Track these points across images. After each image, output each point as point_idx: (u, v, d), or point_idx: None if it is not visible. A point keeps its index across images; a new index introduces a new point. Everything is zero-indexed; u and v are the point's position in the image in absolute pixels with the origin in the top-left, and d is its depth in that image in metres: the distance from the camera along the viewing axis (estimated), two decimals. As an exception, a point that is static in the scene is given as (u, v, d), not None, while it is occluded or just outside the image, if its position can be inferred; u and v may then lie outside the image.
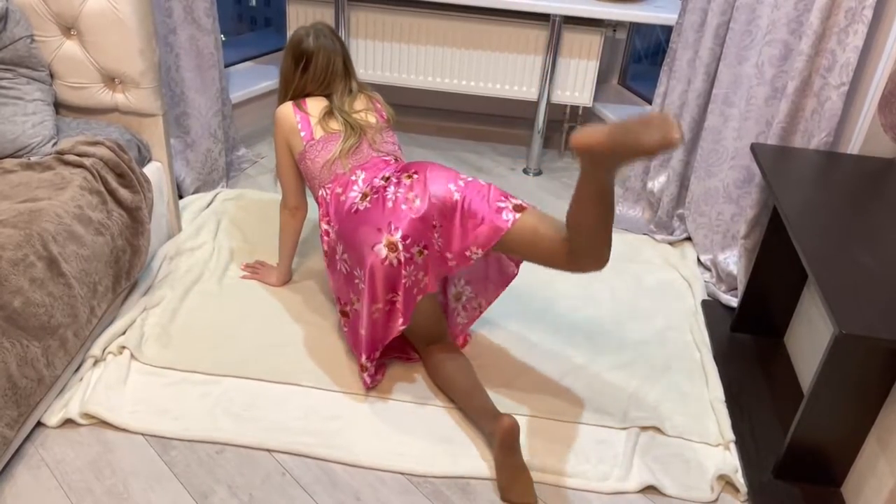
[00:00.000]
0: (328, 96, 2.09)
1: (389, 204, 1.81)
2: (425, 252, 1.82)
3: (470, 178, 1.85)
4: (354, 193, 1.91)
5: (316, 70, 2.07)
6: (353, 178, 1.96)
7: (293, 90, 2.10)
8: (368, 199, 1.86)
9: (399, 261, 1.78)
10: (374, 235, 1.79)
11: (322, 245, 2.00)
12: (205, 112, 2.72)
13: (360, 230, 1.82)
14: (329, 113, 2.05)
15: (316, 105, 2.07)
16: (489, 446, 1.83)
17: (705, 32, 2.41)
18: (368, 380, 1.94)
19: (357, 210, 1.86)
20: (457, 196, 1.80)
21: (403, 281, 1.81)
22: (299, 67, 2.07)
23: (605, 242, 1.65)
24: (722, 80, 2.39)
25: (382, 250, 1.77)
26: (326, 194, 1.98)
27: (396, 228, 1.78)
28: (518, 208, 1.79)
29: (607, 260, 1.69)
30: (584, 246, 1.66)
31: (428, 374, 2.01)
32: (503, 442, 1.70)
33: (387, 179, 1.89)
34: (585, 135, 1.46)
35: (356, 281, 1.85)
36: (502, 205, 1.79)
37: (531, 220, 1.77)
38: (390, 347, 2.05)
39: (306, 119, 2.04)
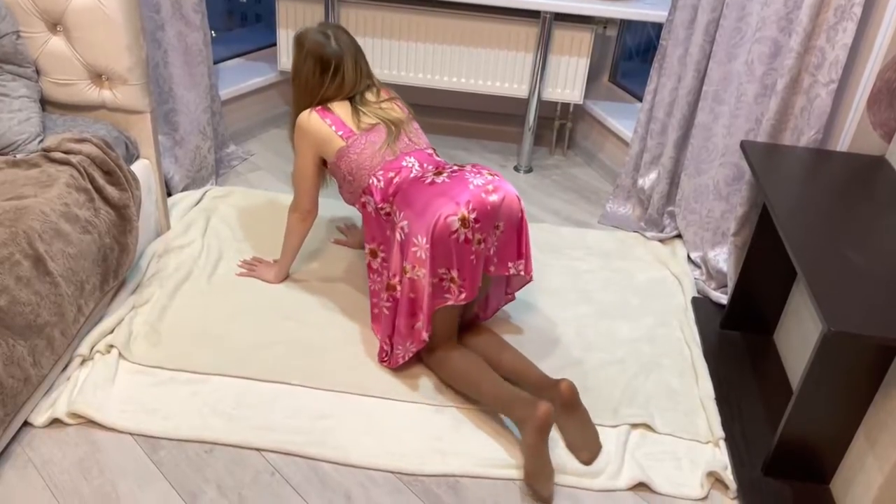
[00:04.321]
0: (350, 98, 2.09)
1: (471, 186, 1.87)
2: (482, 245, 1.88)
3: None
4: (415, 174, 1.97)
5: (347, 75, 2.06)
6: (405, 163, 2.00)
7: (320, 97, 2.07)
8: (445, 175, 1.93)
9: (467, 238, 1.84)
10: (451, 207, 1.82)
11: (374, 227, 2.03)
12: (193, 109, 2.70)
13: (437, 200, 1.85)
14: (356, 111, 2.06)
15: (341, 108, 2.07)
16: (521, 431, 1.78)
17: (695, 29, 2.41)
18: (413, 348, 1.95)
19: (433, 182, 1.91)
20: (522, 215, 1.95)
21: (471, 258, 1.85)
22: (328, 74, 2.05)
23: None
24: (712, 77, 2.39)
25: (455, 222, 1.82)
26: (377, 181, 1.98)
27: (474, 209, 1.83)
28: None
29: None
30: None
31: (438, 373, 2.00)
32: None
33: (462, 167, 1.97)
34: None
35: (413, 248, 1.85)
36: None
37: None
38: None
39: (338, 120, 2.04)
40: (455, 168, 1.97)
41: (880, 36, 1.94)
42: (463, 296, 1.89)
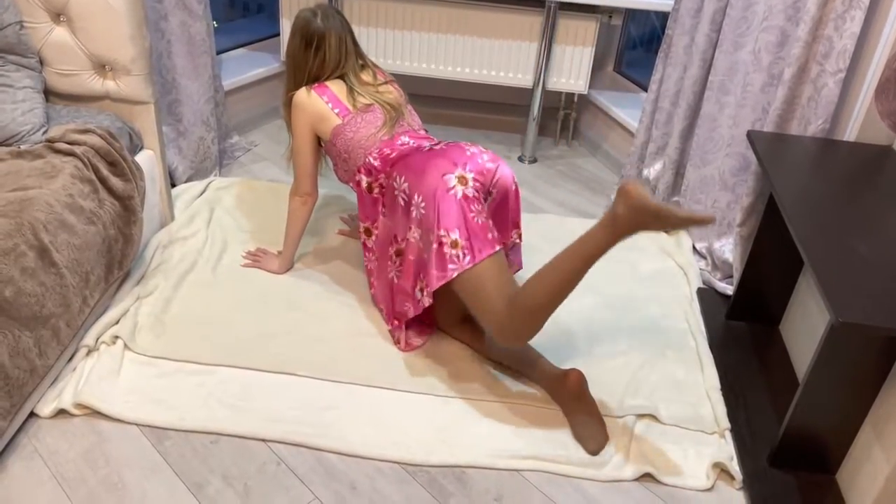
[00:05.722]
0: (342, 77, 2.12)
1: (468, 152, 1.92)
2: (479, 207, 1.89)
3: None
4: (412, 147, 2.01)
5: (330, 51, 2.09)
6: (400, 143, 2.03)
7: (307, 75, 2.11)
8: (442, 145, 1.97)
9: (465, 195, 1.83)
10: (448, 166, 1.86)
11: (368, 205, 2.05)
12: (197, 99, 2.69)
13: (434, 160, 1.88)
14: (351, 91, 2.09)
15: (336, 86, 2.10)
16: (559, 403, 1.92)
17: (702, 18, 2.40)
18: (411, 312, 1.96)
19: (431, 149, 1.95)
20: (516, 187, 2.02)
21: (472, 215, 1.82)
22: (311, 50, 2.08)
23: (544, 318, 1.73)
24: (718, 66, 2.38)
25: (452, 179, 1.84)
26: (373, 160, 2.01)
27: (471, 170, 1.87)
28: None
29: (529, 339, 1.78)
30: (527, 309, 1.71)
31: (481, 350, 2.05)
32: (576, 394, 1.85)
33: (457, 142, 2.01)
34: (639, 188, 1.53)
35: (411, 209, 1.88)
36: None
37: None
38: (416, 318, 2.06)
39: (334, 97, 2.07)
40: (452, 142, 2.01)
41: (888, 25, 1.93)
42: (468, 259, 1.79)
